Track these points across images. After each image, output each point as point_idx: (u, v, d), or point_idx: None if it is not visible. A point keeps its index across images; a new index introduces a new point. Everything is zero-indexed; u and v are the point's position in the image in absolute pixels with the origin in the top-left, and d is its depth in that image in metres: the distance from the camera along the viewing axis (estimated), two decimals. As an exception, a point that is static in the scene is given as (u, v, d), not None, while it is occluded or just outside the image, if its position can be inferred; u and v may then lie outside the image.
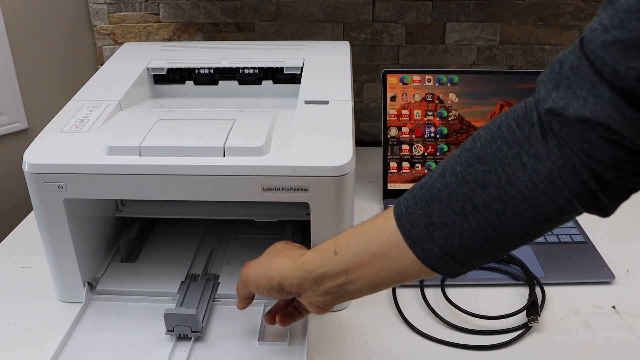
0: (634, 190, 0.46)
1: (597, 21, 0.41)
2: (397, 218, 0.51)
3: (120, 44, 1.18)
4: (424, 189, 0.51)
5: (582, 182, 0.45)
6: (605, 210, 0.47)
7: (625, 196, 0.47)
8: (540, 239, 0.89)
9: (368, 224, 0.54)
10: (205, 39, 1.19)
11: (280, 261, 0.60)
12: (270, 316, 0.68)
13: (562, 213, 0.47)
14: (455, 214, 0.49)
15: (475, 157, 0.48)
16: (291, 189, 0.67)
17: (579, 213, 0.47)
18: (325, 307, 0.59)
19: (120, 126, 0.73)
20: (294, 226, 0.86)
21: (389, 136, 1.01)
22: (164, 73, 0.90)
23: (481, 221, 0.48)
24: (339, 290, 0.56)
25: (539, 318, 0.73)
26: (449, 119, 1.01)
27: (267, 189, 0.67)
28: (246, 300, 0.68)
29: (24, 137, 1.12)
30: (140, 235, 0.87)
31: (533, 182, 0.46)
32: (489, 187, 0.47)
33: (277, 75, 0.91)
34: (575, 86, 0.42)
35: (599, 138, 0.42)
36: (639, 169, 0.44)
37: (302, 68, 0.89)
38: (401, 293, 0.79)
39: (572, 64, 0.43)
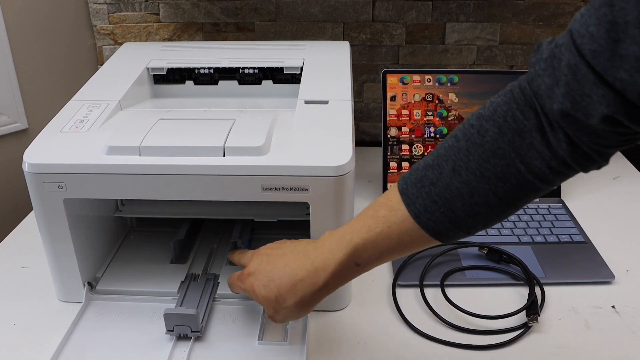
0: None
1: (585, 26, 0.44)
2: (417, 217, 0.54)
3: (120, 44, 1.18)
4: (439, 187, 0.53)
5: (590, 159, 0.50)
6: (602, 166, 0.52)
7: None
8: (540, 239, 0.89)
9: (381, 229, 0.55)
10: (205, 39, 1.20)
11: (303, 292, 0.59)
12: None
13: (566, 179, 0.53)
14: (479, 206, 0.52)
15: (490, 152, 0.51)
16: (291, 188, 0.67)
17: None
18: None
19: (120, 126, 0.73)
20: (243, 225, 0.86)
21: (388, 136, 1.01)
22: (164, 73, 0.90)
23: (504, 207, 0.53)
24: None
25: (538, 318, 0.73)
26: (449, 118, 1.01)
27: (267, 189, 0.67)
28: None
29: (24, 137, 1.12)
30: (189, 235, 0.86)
31: (550, 167, 0.50)
32: (509, 178, 0.51)
33: (277, 75, 0.91)
34: (575, 84, 0.45)
35: (605, 130, 0.46)
36: (633, 140, 0.50)
37: (302, 68, 0.89)
38: (401, 293, 0.79)
39: (569, 62, 0.45)
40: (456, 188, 0.52)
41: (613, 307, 0.77)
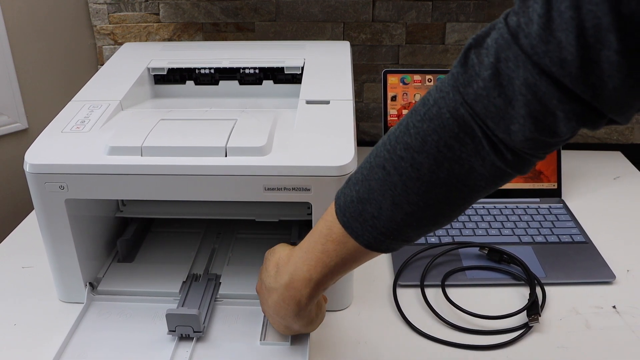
0: None
1: (543, 35, 0.40)
2: (369, 246, 0.54)
3: (120, 44, 1.18)
4: (383, 221, 0.52)
5: (532, 164, 0.49)
6: None
7: None
8: (541, 239, 0.89)
9: (336, 262, 0.57)
10: (205, 39, 1.20)
11: (295, 320, 0.63)
12: None
13: None
14: (428, 226, 0.53)
15: (429, 184, 0.49)
16: (293, 188, 0.67)
17: None
18: None
19: (121, 126, 0.73)
20: (300, 226, 0.86)
21: (389, 136, 1.01)
22: (165, 73, 0.90)
23: (452, 219, 0.53)
24: None
25: (539, 318, 0.73)
26: (449, 119, 1.01)
27: (268, 189, 0.67)
28: None
29: (24, 137, 1.12)
30: (137, 235, 0.87)
31: (494, 182, 0.50)
32: (454, 200, 0.51)
33: (278, 75, 0.91)
34: (536, 104, 0.43)
35: (565, 139, 0.47)
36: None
37: (302, 68, 0.89)
38: (401, 293, 0.79)
39: (527, 81, 0.42)
40: (401, 219, 0.52)
41: (614, 307, 0.77)
